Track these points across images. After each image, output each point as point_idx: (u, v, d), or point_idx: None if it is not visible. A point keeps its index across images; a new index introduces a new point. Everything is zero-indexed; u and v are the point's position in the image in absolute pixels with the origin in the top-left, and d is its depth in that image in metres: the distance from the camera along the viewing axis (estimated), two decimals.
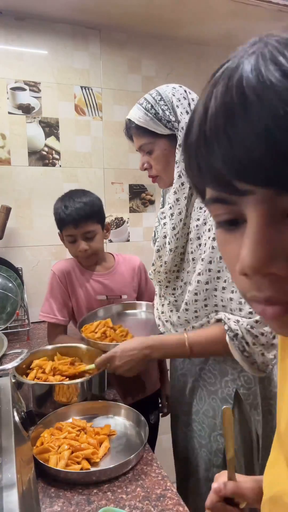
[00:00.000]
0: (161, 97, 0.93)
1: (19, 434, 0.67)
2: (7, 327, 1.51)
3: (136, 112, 0.96)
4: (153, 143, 0.96)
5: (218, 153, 0.26)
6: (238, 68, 0.26)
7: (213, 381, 0.99)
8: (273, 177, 0.24)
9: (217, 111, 0.26)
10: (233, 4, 1.61)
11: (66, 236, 1.31)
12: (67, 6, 1.63)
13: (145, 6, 1.63)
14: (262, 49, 0.26)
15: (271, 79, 0.24)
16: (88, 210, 1.26)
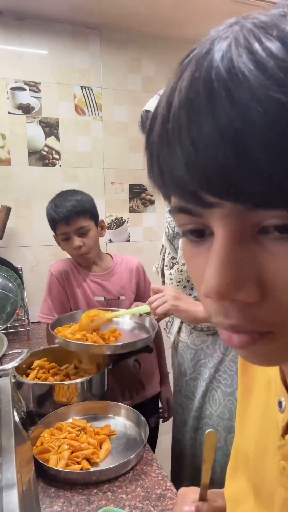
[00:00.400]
0: None
1: (19, 434, 0.67)
2: (7, 327, 1.51)
3: (156, 102, 0.97)
4: None
5: (180, 158, 0.22)
6: (207, 56, 0.22)
7: (229, 382, 0.98)
8: (242, 190, 0.20)
9: (181, 107, 0.22)
10: (233, 4, 1.62)
11: (59, 235, 1.29)
12: (67, 6, 1.63)
13: (145, 6, 1.64)
14: (236, 33, 0.21)
15: (244, 70, 0.19)
16: (78, 206, 1.25)
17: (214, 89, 0.20)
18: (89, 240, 1.28)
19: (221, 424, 1.00)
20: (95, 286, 1.34)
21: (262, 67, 0.19)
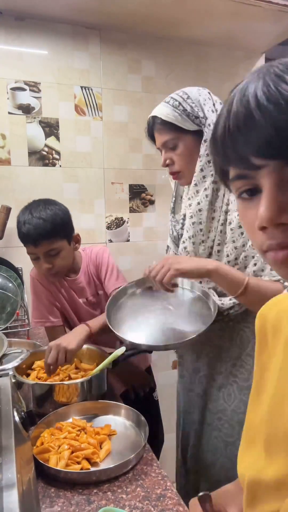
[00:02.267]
0: (188, 96, 0.98)
1: (19, 434, 0.67)
2: (7, 327, 1.51)
3: (163, 109, 0.99)
4: (178, 139, 0.99)
5: (239, 140, 0.37)
6: (247, 87, 0.38)
7: (245, 376, 0.99)
8: (280, 152, 0.35)
9: (237, 111, 0.37)
10: (233, 4, 1.61)
11: (28, 253, 1.20)
12: (67, 6, 1.63)
13: (145, 6, 1.63)
14: (264, 74, 0.37)
15: (272, 93, 0.35)
16: (48, 227, 1.13)
17: (250, 104, 0.36)
18: (60, 261, 1.20)
19: (235, 417, 1.01)
20: (74, 288, 1.33)
21: (281, 92, 0.35)
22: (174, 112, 0.97)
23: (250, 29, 1.86)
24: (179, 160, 1.01)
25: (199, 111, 0.97)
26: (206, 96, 0.99)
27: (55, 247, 1.17)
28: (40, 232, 1.13)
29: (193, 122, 0.97)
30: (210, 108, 0.97)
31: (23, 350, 1.01)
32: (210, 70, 2.06)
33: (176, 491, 0.75)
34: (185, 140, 0.99)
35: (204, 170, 0.98)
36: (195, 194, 1.00)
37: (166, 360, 2.07)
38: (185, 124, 0.97)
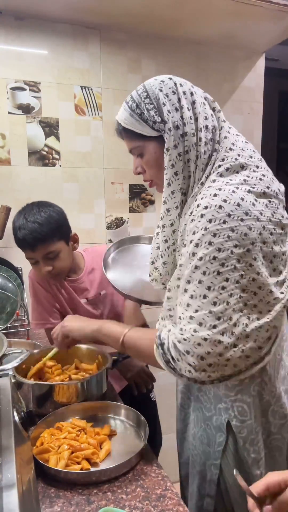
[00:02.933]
0: (147, 94, 0.84)
1: (19, 434, 0.67)
2: (7, 327, 1.51)
3: (123, 112, 0.88)
4: (142, 147, 0.88)
5: None
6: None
7: (208, 406, 0.89)
8: None
9: None
10: (233, 4, 1.61)
11: (27, 258, 1.21)
12: (67, 6, 1.63)
13: (145, 6, 1.63)
14: None
15: None
16: (44, 230, 1.13)
17: None
18: (59, 263, 1.19)
19: (200, 448, 0.91)
20: (74, 289, 1.32)
21: None
22: (131, 117, 0.85)
23: (250, 29, 1.86)
24: (148, 169, 0.91)
25: (155, 114, 0.81)
26: (169, 90, 0.82)
27: (53, 250, 1.17)
28: (35, 236, 1.13)
29: (152, 128, 0.82)
30: (173, 106, 0.80)
31: (23, 350, 1.01)
32: (210, 69, 2.06)
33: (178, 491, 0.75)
34: (149, 147, 0.86)
35: (172, 184, 0.82)
36: (166, 214, 0.85)
37: None
38: (145, 130, 0.84)
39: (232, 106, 2.11)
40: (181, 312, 0.76)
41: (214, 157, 0.81)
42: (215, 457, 0.86)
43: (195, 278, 0.73)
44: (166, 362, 0.77)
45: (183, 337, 0.73)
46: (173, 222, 0.85)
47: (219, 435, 0.85)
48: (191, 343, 0.72)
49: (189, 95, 0.82)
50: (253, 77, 2.16)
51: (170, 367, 0.77)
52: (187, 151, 0.81)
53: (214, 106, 0.86)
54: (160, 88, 0.82)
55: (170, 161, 0.81)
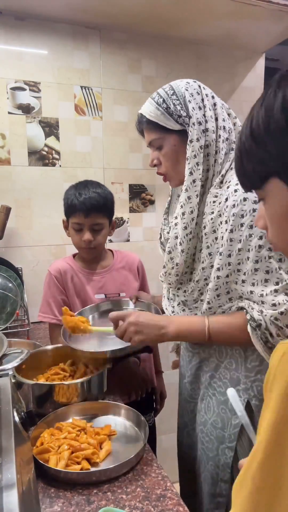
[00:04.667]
0: (174, 92, 0.92)
1: (19, 434, 0.67)
2: (7, 327, 1.51)
3: (148, 106, 0.95)
4: (163, 139, 0.94)
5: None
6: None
7: (223, 390, 0.93)
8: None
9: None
10: (233, 4, 1.61)
11: (73, 224, 1.28)
12: (67, 6, 1.62)
13: (145, 6, 1.63)
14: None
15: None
16: (101, 201, 1.25)
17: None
18: (100, 237, 1.29)
19: (214, 433, 0.95)
20: (94, 284, 1.34)
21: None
22: (157, 110, 0.92)
23: (250, 29, 1.86)
24: (165, 161, 0.96)
25: (181, 109, 0.90)
26: (194, 90, 0.92)
27: (101, 222, 1.27)
28: (94, 203, 1.24)
29: (177, 122, 0.90)
30: (197, 105, 0.90)
31: (23, 350, 1.01)
32: (210, 69, 2.06)
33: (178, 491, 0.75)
34: (170, 140, 0.93)
35: (194, 174, 0.90)
36: (187, 201, 0.91)
37: (166, 360, 2.07)
38: (169, 123, 0.91)
39: (232, 106, 2.08)
40: (260, 290, 0.82)
41: (231, 155, 0.92)
42: (230, 439, 0.91)
43: (263, 255, 0.80)
44: (265, 342, 0.81)
45: (280, 311, 0.79)
46: (193, 209, 0.92)
47: (235, 418, 0.89)
48: (287, 315, 0.79)
49: (211, 98, 0.93)
50: (253, 77, 2.16)
51: (268, 346, 0.81)
52: (207, 145, 0.90)
53: (230, 112, 0.98)
54: (186, 88, 0.92)
55: (192, 152, 0.90)
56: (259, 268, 0.81)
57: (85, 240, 1.26)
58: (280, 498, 0.39)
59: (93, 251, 1.32)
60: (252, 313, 0.82)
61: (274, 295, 0.79)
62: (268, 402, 0.42)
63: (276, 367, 0.42)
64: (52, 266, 1.35)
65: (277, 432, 0.40)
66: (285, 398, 0.40)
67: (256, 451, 0.42)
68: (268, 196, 0.47)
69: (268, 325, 0.80)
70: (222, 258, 0.86)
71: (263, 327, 0.80)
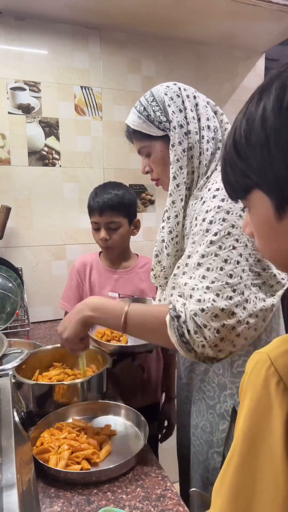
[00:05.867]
0: (154, 98, 0.92)
1: (19, 434, 0.67)
2: (7, 327, 1.51)
3: (132, 116, 0.96)
4: (150, 146, 0.95)
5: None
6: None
7: (212, 395, 0.92)
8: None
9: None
10: (233, 4, 1.61)
11: (92, 223, 1.34)
12: (67, 6, 1.63)
13: (145, 6, 1.63)
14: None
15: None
16: (116, 200, 1.28)
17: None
18: (117, 236, 1.32)
19: (203, 437, 0.94)
20: (111, 282, 1.37)
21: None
22: (139, 119, 0.92)
23: (250, 29, 1.86)
24: (155, 168, 0.97)
25: (161, 115, 0.89)
26: (174, 93, 0.90)
27: (116, 221, 1.30)
28: (108, 202, 1.28)
29: (158, 128, 0.90)
30: (177, 108, 0.89)
31: (23, 350, 1.01)
32: (210, 69, 2.06)
33: (178, 491, 0.75)
34: (156, 146, 0.93)
35: (177, 178, 0.89)
36: (171, 206, 0.91)
37: None
38: (152, 130, 0.91)
39: (232, 106, 2.11)
40: (194, 284, 0.78)
41: (217, 154, 0.90)
42: (218, 444, 0.90)
43: (211, 251, 0.77)
44: (180, 336, 0.78)
45: (201, 307, 0.75)
46: (177, 214, 0.91)
47: (222, 423, 0.88)
48: (208, 314, 0.74)
49: (192, 98, 0.91)
50: (253, 77, 2.16)
51: (183, 341, 0.78)
52: (190, 147, 0.89)
53: (216, 109, 0.95)
54: (165, 92, 0.91)
55: (175, 156, 0.88)
56: (203, 263, 0.78)
57: (101, 238, 1.31)
58: (256, 503, 0.40)
59: (111, 251, 1.36)
60: (175, 304, 0.80)
61: (204, 291, 0.75)
62: (241, 408, 0.43)
63: (249, 375, 0.43)
64: (78, 259, 1.44)
65: (250, 437, 0.41)
66: (255, 404, 0.41)
67: (231, 455, 0.43)
68: (251, 207, 0.47)
69: (187, 319, 0.77)
70: (185, 253, 0.87)
71: (182, 319, 0.77)
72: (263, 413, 0.40)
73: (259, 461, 0.40)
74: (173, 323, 0.79)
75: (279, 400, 0.40)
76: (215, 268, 0.76)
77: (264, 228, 0.46)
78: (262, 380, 0.41)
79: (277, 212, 0.43)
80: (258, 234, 0.49)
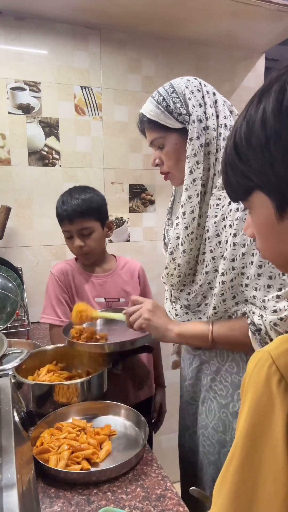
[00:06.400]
0: (174, 90, 0.90)
1: (19, 434, 0.67)
2: (7, 327, 1.51)
3: (149, 105, 0.93)
4: (164, 138, 0.93)
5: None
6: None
7: (224, 394, 0.93)
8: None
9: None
10: (233, 4, 1.61)
11: (63, 232, 1.30)
12: (67, 6, 1.62)
13: (145, 6, 1.63)
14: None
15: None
16: (85, 206, 1.25)
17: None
18: (91, 242, 1.28)
19: (215, 436, 0.94)
20: (96, 287, 1.34)
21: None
22: (157, 109, 0.90)
23: (250, 29, 1.86)
24: (167, 160, 0.95)
25: (181, 107, 0.88)
26: (194, 87, 0.90)
27: (88, 226, 1.26)
28: (75, 209, 1.24)
29: (177, 120, 0.89)
30: (198, 102, 0.88)
31: (23, 350, 1.01)
32: (210, 69, 2.06)
33: (178, 491, 0.75)
34: (171, 138, 0.92)
35: (194, 172, 0.88)
36: (187, 201, 0.90)
37: (166, 360, 2.07)
38: (169, 121, 0.90)
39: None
40: (263, 296, 0.81)
41: None
42: (231, 443, 0.88)
43: (267, 260, 0.77)
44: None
45: (280, 317, 0.77)
46: (193, 209, 0.91)
47: (236, 421, 0.87)
48: (287, 322, 0.77)
49: (212, 95, 0.91)
50: (253, 77, 2.16)
51: None
52: (208, 143, 0.88)
53: (232, 109, 0.94)
54: (186, 86, 0.90)
55: (192, 150, 0.88)
56: (263, 273, 0.80)
57: (76, 246, 1.27)
58: (257, 502, 0.40)
59: (89, 257, 1.32)
60: (253, 317, 0.82)
61: (276, 300, 0.78)
62: (243, 406, 0.44)
63: (251, 373, 0.43)
64: (54, 268, 1.35)
65: (251, 435, 0.41)
66: (257, 403, 0.41)
67: (233, 454, 0.43)
68: (253, 208, 0.48)
69: (268, 330, 0.79)
70: (226, 262, 0.85)
71: (263, 331, 0.80)
72: (265, 411, 0.40)
73: (261, 460, 0.40)
74: (255, 337, 0.81)
75: (281, 399, 0.40)
76: (277, 275, 0.78)
77: (265, 229, 0.47)
78: (264, 378, 0.41)
79: (278, 212, 0.43)
80: (259, 235, 0.49)
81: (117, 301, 1.35)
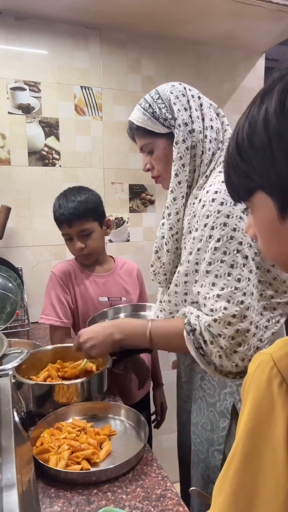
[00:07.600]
0: (159, 96, 0.93)
1: (19, 434, 0.67)
2: (7, 327, 1.51)
3: (136, 112, 0.96)
4: (153, 143, 0.95)
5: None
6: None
7: (212, 393, 0.93)
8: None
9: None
10: (233, 4, 1.61)
11: (63, 235, 1.31)
12: (67, 6, 1.62)
13: (145, 6, 1.63)
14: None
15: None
16: (81, 208, 1.25)
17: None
18: (92, 242, 1.29)
19: (204, 435, 0.94)
20: (98, 286, 1.34)
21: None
22: (144, 115, 0.93)
23: (250, 29, 1.86)
24: (156, 165, 0.97)
25: (167, 112, 0.90)
26: (179, 92, 0.92)
27: (87, 228, 1.27)
28: (73, 212, 1.24)
29: (163, 125, 0.91)
30: (183, 106, 0.90)
31: (23, 350, 1.01)
32: (210, 69, 2.06)
33: (178, 491, 0.75)
34: (159, 144, 0.94)
35: (179, 175, 0.91)
36: (172, 203, 0.93)
37: (165, 360, 2.07)
38: (156, 127, 0.92)
39: (232, 106, 2.11)
40: (205, 293, 0.81)
41: (217, 154, 0.91)
42: (218, 442, 0.91)
43: (217, 258, 0.78)
44: (197, 348, 0.81)
45: (214, 318, 0.77)
46: (178, 211, 0.93)
47: (223, 420, 0.89)
48: (221, 324, 0.76)
49: (197, 99, 0.93)
50: (253, 77, 2.16)
51: (200, 353, 0.80)
52: (194, 146, 0.90)
53: (218, 112, 0.96)
54: (171, 91, 0.92)
55: (178, 153, 0.90)
56: (211, 271, 0.79)
57: (77, 248, 1.28)
58: (257, 503, 0.40)
59: (89, 257, 1.33)
60: (190, 317, 0.83)
61: (215, 299, 0.78)
62: (244, 408, 0.44)
63: (252, 375, 0.43)
64: (55, 267, 1.35)
65: (252, 437, 0.41)
66: (258, 405, 0.41)
67: (233, 455, 0.43)
68: (255, 208, 0.48)
69: (203, 330, 0.79)
70: (185, 253, 0.88)
71: (198, 332, 0.80)
72: (266, 413, 0.41)
73: (261, 461, 0.40)
74: (190, 337, 0.81)
75: (282, 401, 0.40)
76: (223, 274, 0.78)
77: (267, 229, 0.47)
78: (265, 380, 0.41)
79: (280, 213, 0.43)
80: (261, 235, 0.49)
81: (119, 300, 1.35)
